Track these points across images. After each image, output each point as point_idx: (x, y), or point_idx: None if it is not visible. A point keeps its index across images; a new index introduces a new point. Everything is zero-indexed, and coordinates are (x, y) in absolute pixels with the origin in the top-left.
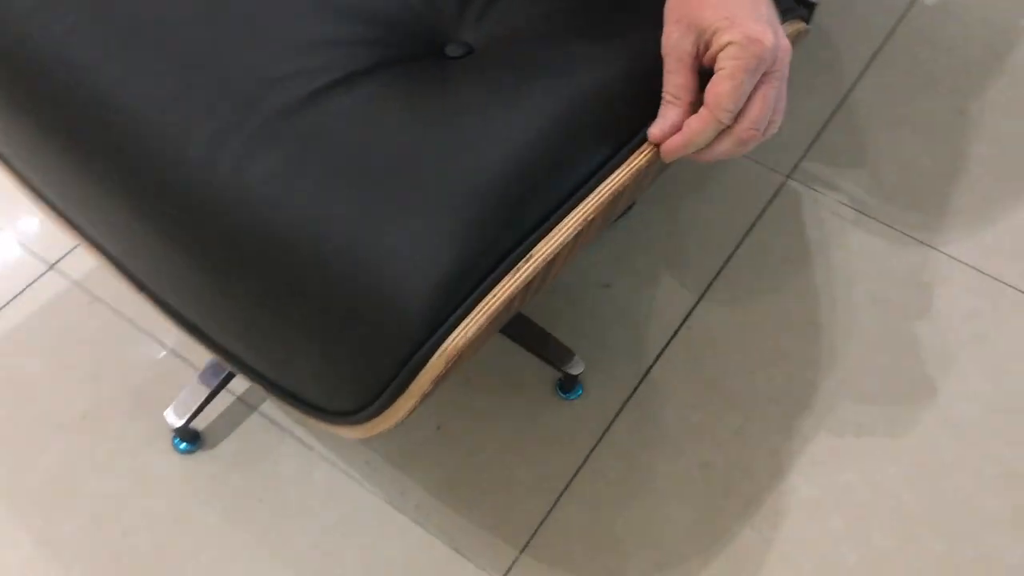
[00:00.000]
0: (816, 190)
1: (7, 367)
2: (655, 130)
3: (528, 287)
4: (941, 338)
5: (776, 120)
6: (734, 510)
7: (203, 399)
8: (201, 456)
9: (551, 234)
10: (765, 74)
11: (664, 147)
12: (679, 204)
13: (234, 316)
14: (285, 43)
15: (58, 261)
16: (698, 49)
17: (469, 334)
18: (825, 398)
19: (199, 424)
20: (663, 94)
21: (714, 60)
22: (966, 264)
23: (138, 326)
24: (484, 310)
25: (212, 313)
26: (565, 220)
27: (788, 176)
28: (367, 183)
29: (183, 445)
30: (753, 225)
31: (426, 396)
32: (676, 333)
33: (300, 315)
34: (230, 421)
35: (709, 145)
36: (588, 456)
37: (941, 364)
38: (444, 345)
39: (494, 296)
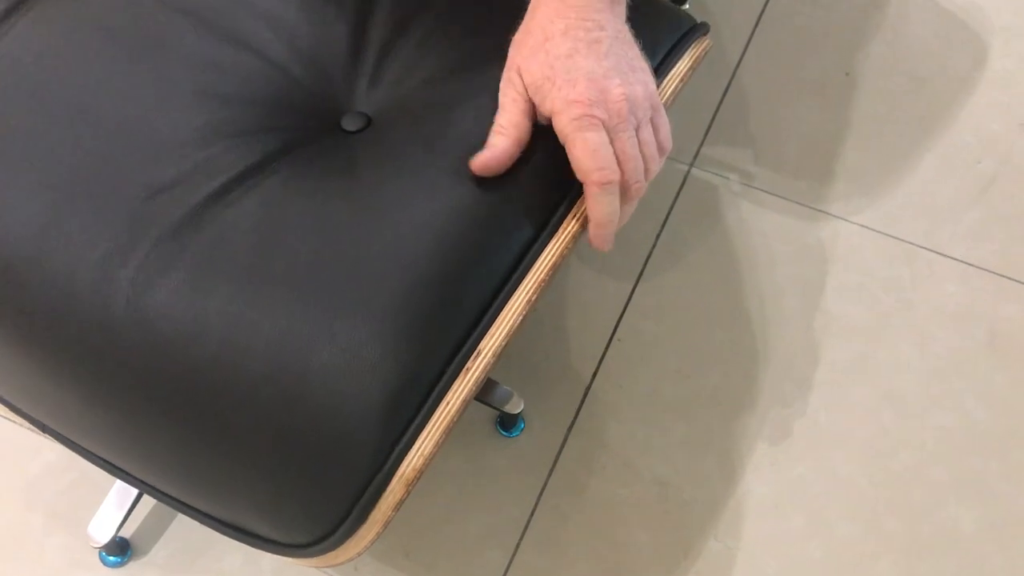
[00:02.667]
0: (721, 175)
1: None
2: (482, 156)
3: (481, 380)
4: (867, 311)
5: (652, 163)
6: (695, 524)
7: (128, 506)
8: (134, 567)
9: (496, 323)
10: (613, 128)
11: (595, 241)
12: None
13: (155, 459)
14: (167, 143)
15: None
16: (531, 101)
17: (427, 451)
18: (765, 392)
19: (126, 531)
20: (494, 126)
21: (548, 119)
22: (878, 232)
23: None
24: (439, 422)
25: (129, 456)
26: (509, 304)
27: (691, 165)
28: (283, 298)
29: (111, 559)
30: (665, 221)
31: (389, 522)
32: (607, 347)
33: (232, 454)
34: (159, 521)
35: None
36: (540, 494)
37: (871, 338)
38: (401, 469)
39: (447, 404)
